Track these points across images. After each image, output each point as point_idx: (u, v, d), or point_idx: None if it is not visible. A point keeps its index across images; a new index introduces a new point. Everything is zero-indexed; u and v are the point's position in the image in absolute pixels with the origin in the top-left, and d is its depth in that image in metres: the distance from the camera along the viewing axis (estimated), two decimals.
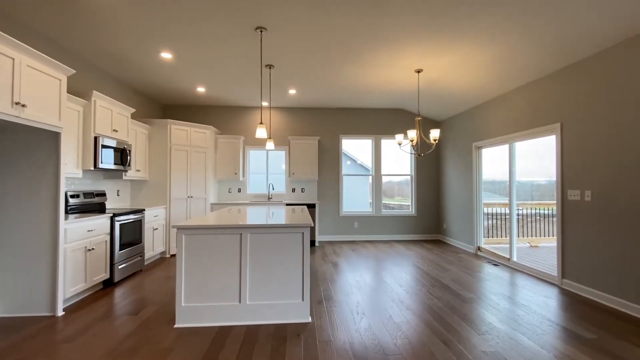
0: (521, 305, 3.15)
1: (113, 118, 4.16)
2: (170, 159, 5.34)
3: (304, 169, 6.39)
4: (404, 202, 7.17)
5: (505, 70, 4.06)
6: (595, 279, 3.29)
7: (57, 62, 2.86)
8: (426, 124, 6.89)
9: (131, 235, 4.20)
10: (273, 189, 6.59)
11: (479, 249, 5.49)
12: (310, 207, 6.13)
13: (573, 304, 3.17)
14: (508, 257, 4.71)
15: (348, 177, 6.96)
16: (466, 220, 5.82)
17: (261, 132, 3.33)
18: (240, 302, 2.72)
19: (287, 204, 6.09)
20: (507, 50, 3.56)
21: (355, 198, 7.46)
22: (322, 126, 6.76)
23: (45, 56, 2.73)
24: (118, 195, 4.94)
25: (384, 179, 7.03)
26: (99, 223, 3.56)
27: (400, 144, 4.62)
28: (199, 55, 4.01)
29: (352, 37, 3.46)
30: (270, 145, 4.41)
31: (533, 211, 6.66)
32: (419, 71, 4.44)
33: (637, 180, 2.88)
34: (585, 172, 3.40)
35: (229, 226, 2.71)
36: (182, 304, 2.70)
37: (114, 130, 4.17)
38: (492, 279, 4.04)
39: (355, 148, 8.05)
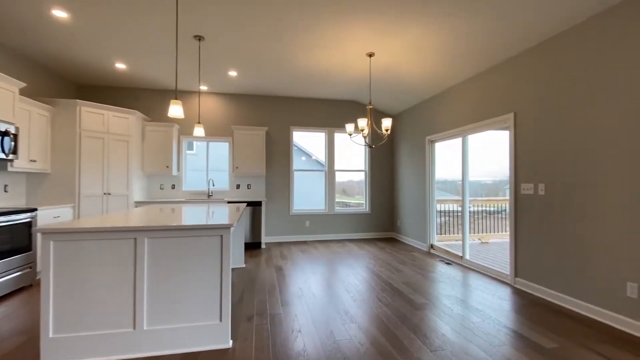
0: (476, 310, 2.86)
1: None
2: (79, 148, 4.42)
3: (249, 163, 5.75)
4: (363, 201, 6.84)
5: (457, 59, 3.81)
6: (549, 277, 3.11)
7: None
8: (380, 117, 6.60)
9: (15, 242, 3.29)
10: (213, 185, 5.86)
11: (432, 247, 5.28)
12: (256, 205, 5.52)
13: (528, 306, 2.94)
14: (461, 255, 4.51)
15: (300, 172, 6.45)
16: (419, 218, 5.60)
17: (176, 110, 2.68)
18: (135, 328, 2.07)
19: (229, 202, 5.42)
20: (457, 37, 3.28)
21: (310, 195, 6.98)
22: (271, 116, 6.16)
23: None
24: (6, 191, 3.94)
25: (343, 177, 6.63)
26: None
27: (350, 135, 4.20)
28: (104, 16, 3.22)
29: (295, 6, 2.93)
30: (199, 131, 3.74)
31: (482, 208, 6.69)
32: (370, 55, 4.05)
33: (591, 172, 2.71)
34: (539, 164, 3.22)
35: (117, 229, 2.04)
36: (51, 335, 1.98)
37: None
38: (445, 279, 3.76)
39: (311, 143, 7.61)
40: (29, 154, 3.94)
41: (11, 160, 3.58)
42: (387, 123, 3.94)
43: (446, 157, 5.36)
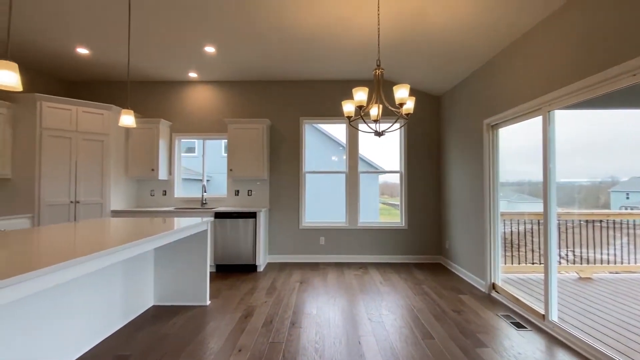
0: None
1: None
2: (39, 149, 3.81)
3: (246, 164, 4.64)
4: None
5: None
6: None
7: None
8: (421, 99, 4.92)
9: None
10: (205, 192, 4.89)
11: (493, 287, 3.48)
12: (251, 217, 4.37)
13: None
14: (542, 312, 2.69)
15: (314, 175, 5.14)
16: (476, 240, 3.81)
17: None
18: None
19: (218, 213, 4.37)
20: None
21: (332, 205, 5.67)
22: (276, 106, 4.98)
23: None
24: None
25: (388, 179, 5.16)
26: None
27: (350, 118, 2.76)
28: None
29: None
30: (128, 119, 2.70)
31: (580, 221, 4.52)
32: None
33: None
34: None
35: None
36: None
37: None
38: None
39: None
40: None
41: None
42: (401, 94, 2.41)
43: (515, 148, 3.53)
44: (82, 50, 3.85)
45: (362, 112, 2.55)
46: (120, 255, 1.86)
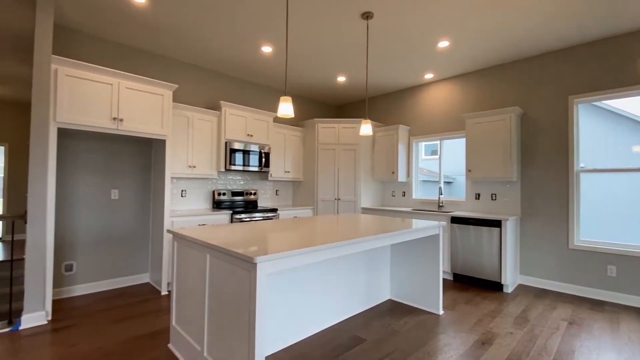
0: None
1: (248, 124, 4.50)
2: (317, 159, 5.13)
3: (488, 164, 4.02)
4: None
5: None
6: None
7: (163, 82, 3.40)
8: None
9: None
10: (441, 194, 4.65)
11: None
12: (493, 225, 3.72)
13: None
14: None
15: (598, 175, 3.65)
16: None
17: (285, 108, 2.26)
18: None
19: (455, 218, 4.06)
20: None
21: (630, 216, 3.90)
22: (527, 89, 3.97)
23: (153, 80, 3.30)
24: (277, 194, 5.36)
25: None
26: (215, 219, 3.91)
27: None
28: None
29: None
30: (366, 128, 3.03)
31: None
32: None
33: None
34: None
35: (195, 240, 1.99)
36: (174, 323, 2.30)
37: (248, 135, 4.50)
38: None
39: None
40: (284, 166, 5.10)
41: (264, 172, 4.76)
42: None
43: None
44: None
45: None
46: (365, 245, 2.20)
